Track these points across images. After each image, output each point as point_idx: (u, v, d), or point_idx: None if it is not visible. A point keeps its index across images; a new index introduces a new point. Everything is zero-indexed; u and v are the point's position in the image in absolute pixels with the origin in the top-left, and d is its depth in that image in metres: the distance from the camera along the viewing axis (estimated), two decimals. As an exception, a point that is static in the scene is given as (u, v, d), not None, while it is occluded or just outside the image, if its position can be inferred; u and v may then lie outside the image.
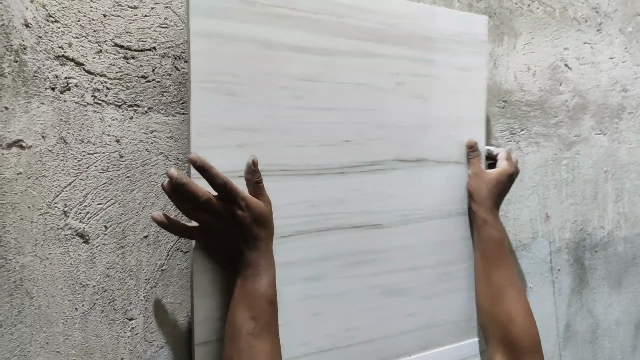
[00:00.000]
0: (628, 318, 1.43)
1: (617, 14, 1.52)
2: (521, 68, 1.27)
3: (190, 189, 0.70)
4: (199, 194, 0.71)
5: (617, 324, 1.40)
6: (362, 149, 0.95)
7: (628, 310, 1.43)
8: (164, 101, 0.80)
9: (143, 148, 0.78)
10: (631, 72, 1.54)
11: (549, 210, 1.28)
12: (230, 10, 0.81)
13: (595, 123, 1.42)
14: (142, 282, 0.77)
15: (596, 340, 1.34)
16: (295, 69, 0.88)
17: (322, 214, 0.91)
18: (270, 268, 0.78)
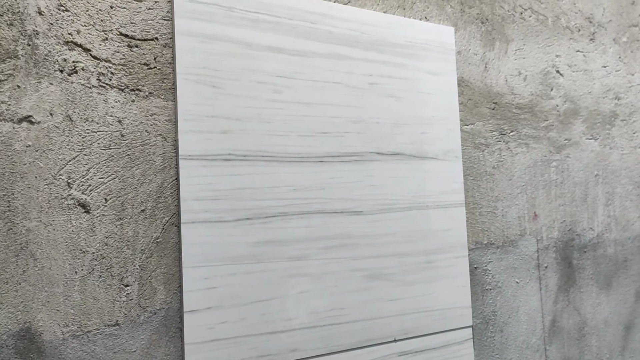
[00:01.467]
0: (617, 319, 1.45)
1: (611, 24, 1.57)
2: (512, 72, 1.32)
3: None
4: None
5: (605, 324, 1.42)
6: (340, 141, 1.02)
7: (617, 311, 1.46)
8: (163, 87, 0.87)
9: (143, 129, 0.85)
10: (625, 80, 1.58)
11: (537, 209, 1.32)
12: (211, 14, 0.90)
13: (586, 128, 1.46)
14: (138, 252, 0.83)
15: (583, 337, 1.37)
16: (272, 67, 0.95)
17: (304, 198, 0.97)
18: None
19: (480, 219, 1.22)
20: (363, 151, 1.05)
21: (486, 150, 1.25)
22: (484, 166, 1.24)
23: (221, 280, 0.88)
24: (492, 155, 1.26)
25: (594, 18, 1.52)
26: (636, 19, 1.64)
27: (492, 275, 1.22)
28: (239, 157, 0.91)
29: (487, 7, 1.29)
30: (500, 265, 1.24)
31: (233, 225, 0.90)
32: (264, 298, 0.91)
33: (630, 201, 1.54)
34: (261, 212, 0.93)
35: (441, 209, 1.13)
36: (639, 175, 1.58)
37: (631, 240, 1.52)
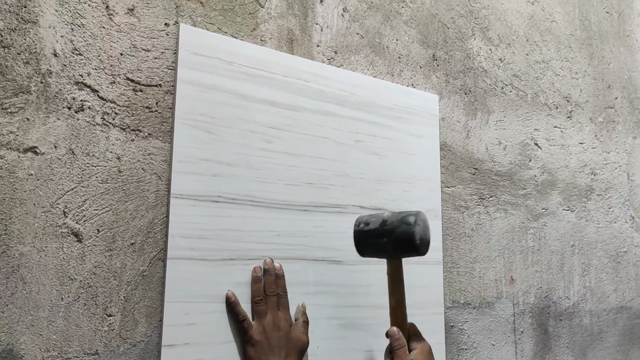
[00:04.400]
0: (592, 390, 1.46)
1: (588, 104, 1.67)
2: (493, 141, 1.40)
3: None
4: None
5: (580, 394, 1.43)
6: (324, 192, 1.07)
7: (592, 382, 1.47)
8: (162, 130, 0.93)
9: (140, 167, 0.90)
10: (601, 157, 1.66)
11: (514, 273, 1.36)
12: (212, 66, 0.98)
13: (563, 199, 1.53)
14: (124, 283, 0.86)
15: (558, 406, 1.38)
16: (265, 118, 1.02)
17: (287, 244, 1.01)
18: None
19: (457, 278, 1.26)
20: (346, 204, 1.11)
21: (466, 213, 1.30)
22: (463, 227, 1.29)
23: (201, 317, 0.90)
24: (471, 218, 1.31)
25: (571, 97, 1.62)
26: (612, 101, 1.74)
27: (468, 335, 1.24)
28: (227, 200, 0.96)
29: (470, 79, 1.38)
30: (477, 325, 1.26)
31: (217, 264, 0.93)
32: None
33: (606, 274, 1.58)
34: (244, 254, 0.96)
35: (419, 265, 1.17)
36: (614, 249, 1.63)
37: (606, 312, 1.55)
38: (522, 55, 1.52)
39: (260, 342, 0.92)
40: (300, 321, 0.98)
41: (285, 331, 0.95)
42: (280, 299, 0.97)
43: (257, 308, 0.94)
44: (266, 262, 0.98)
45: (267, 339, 0.92)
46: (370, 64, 1.21)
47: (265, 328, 0.93)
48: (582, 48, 1.69)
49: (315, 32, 1.14)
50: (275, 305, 0.96)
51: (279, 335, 0.93)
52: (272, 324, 0.94)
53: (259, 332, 0.92)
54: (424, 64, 1.30)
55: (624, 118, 1.77)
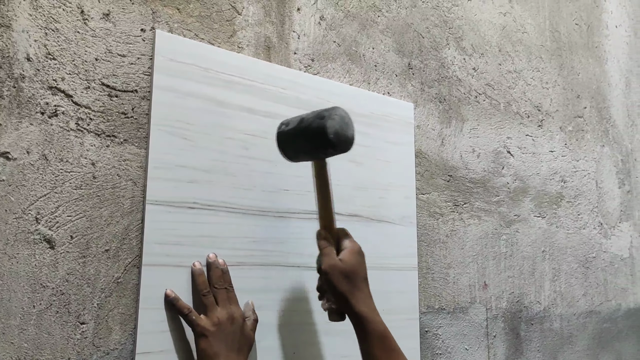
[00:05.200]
0: (563, 393, 1.49)
1: (558, 113, 1.71)
2: (467, 149, 1.43)
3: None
4: None
5: (551, 398, 1.46)
6: (300, 199, 1.08)
7: (563, 385, 1.50)
8: (138, 136, 0.92)
9: (115, 173, 0.89)
10: (570, 165, 1.70)
11: (487, 279, 1.39)
12: (189, 73, 0.98)
13: (534, 206, 1.56)
14: (97, 290, 0.85)
15: (530, 410, 1.40)
16: (242, 125, 1.03)
17: (263, 250, 1.01)
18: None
19: (432, 284, 1.27)
20: (323, 210, 1.11)
21: (440, 219, 1.32)
22: (437, 234, 1.31)
23: (176, 324, 0.90)
24: (445, 225, 1.33)
25: (542, 107, 1.66)
26: (581, 111, 1.79)
27: (442, 340, 1.26)
28: (203, 206, 0.96)
29: (445, 88, 1.40)
30: (451, 330, 1.28)
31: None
32: (217, 345, 0.93)
33: (576, 279, 1.62)
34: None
35: (395, 271, 1.18)
36: (583, 255, 1.66)
37: (576, 316, 1.59)
38: (495, 65, 1.55)
39: (214, 334, 0.87)
40: (252, 318, 0.95)
41: (239, 325, 0.90)
42: (229, 293, 0.92)
43: (206, 300, 0.90)
44: (210, 256, 0.94)
45: (221, 330, 0.88)
46: (346, 72, 1.22)
47: (220, 319, 0.88)
48: (552, 59, 1.73)
49: (293, 40, 1.14)
50: (226, 299, 0.91)
51: (233, 328, 0.89)
52: (226, 316, 0.89)
53: (211, 323, 0.88)
54: (399, 73, 1.32)
55: (593, 127, 1.82)
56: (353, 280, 0.90)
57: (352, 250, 0.93)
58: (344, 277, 0.90)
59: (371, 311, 0.91)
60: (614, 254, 1.76)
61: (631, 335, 1.73)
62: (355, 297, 0.90)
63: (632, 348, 1.73)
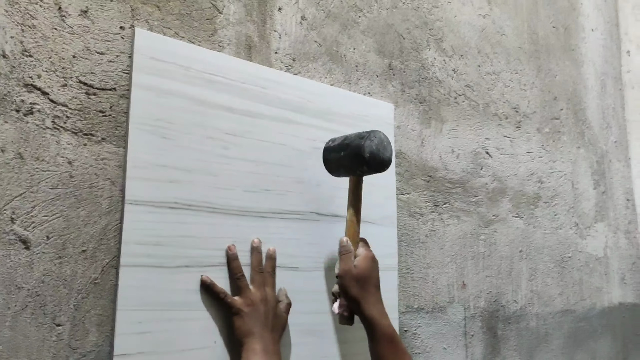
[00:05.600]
0: (539, 391, 1.51)
1: (535, 115, 1.73)
2: (446, 150, 1.44)
3: None
4: None
5: (528, 396, 1.48)
6: (282, 199, 1.08)
7: (539, 384, 1.52)
8: (117, 134, 0.91)
9: (92, 172, 0.88)
10: (547, 166, 1.73)
11: (465, 279, 1.40)
12: (169, 71, 0.97)
13: (512, 207, 1.58)
14: (74, 292, 0.84)
15: (507, 408, 1.42)
16: (223, 125, 1.02)
17: (245, 251, 1.01)
18: None
19: (412, 283, 1.28)
20: (303, 210, 1.11)
21: (420, 220, 1.33)
22: (417, 234, 1.31)
23: (155, 326, 0.89)
24: (425, 225, 1.34)
25: (519, 108, 1.68)
26: (558, 112, 1.81)
27: (421, 340, 1.27)
28: (184, 206, 0.95)
29: (425, 89, 1.41)
30: (429, 330, 1.29)
31: (172, 271, 0.92)
32: (197, 347, 0.92)
33: (552, 278, 1.64)
34: (201, 260, 0.95)
35: (375, 271, 1.18)
36: (559, 254, 1.69)
37: (552, 315, 1.61)
38: (474, 67, 1.56)
39: (249, 314, 0.93)
40: (285, 302, 1.00)
41: (272, 306, 0.96)
42: (266, 278, 0.98)
43: (239, 283, 0.95)
44: (254, 241, 1.00)
45: (255, 310, 0.93)
46: (327, 72, 1.22)
47: (253, 301, 0.94)
48: (530, 61, 1.75)
49: (274, 39, 1.14)
50: (262, 283, 0.97)
51: (266, 309, 0.95)
52: (259, 297, 0.95)
53: (246, 304, 0.93)
54: (380, 73, 1.32)
55: (569, 129, 1.84)
56: (365, 285, 0.97)
57: (366, 257, 1.00)
58: (357, 281, 0.97)
59: (381, 314, 0.98)
60: (589, 254, 1.79)
61: (605, 334, 1.77)
62: (367, 300, 0.97)
63: (607, 347, 1.77)
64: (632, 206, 2.04)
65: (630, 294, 1.92)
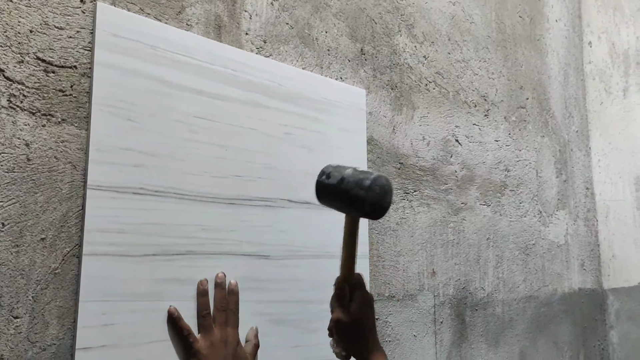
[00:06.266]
0: (504, 377, 1.53)
1: (502, 104, 1.74)
2: (417, 137, 1.42)
3: None
4: None
5: (493, 382, 1.49)
6: (252, 185, 1.04)
7: (504, 369, 1.53)
8: (78, 115, 0.86)
9: (52, 155, 0.82)
10: (513, 155, 1.74)
11: (435, 266, 1.40)
12: (134, 50, 0.92)
13: (480, 195, 1.58)
14: (32, 282, 0.78)
15: (473, 394, 1.43)
16: (191, 108, 0.98)
17: (213, 239, 0.97)
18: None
19: (383, 272, 1.26)
20: (274, 197, 1.08)
21: (391, 207, 1.31)
22: (388, 222, 1.30)
23: (120, 317, 0.84)
24: (396, 212, 1.32)
25: (488, 97, 1.68)
26: (524, 102, 1.83)
27: (392, 327, 1.26)
28: (150, 192, 0.91)
29: (396, 75, 1.39)
30: (400, 317, 1.28)
31: (138, 260, 0.87)
32: (163, 338, 0.89)
33: (517, 265, 1.66)
34: (168, 249, 0.91)
35: (346, 259, 1.16)
36: (524, 242, 1.71)
37: (517, 301, 1.63)
38: (445, 54, 1.55)
39: (206, 356, 0.89)
40: (252, 343, 0.97)
41: (232, 348, 0.92)
42: (229, 316, 0.94)
43: (203, 322, 0.91)
44: (218, 276, 0.95)
45: (214, 354, 0.89)
46: (299, 55, 1.19)
47: (213, 343, 0.90)
48: (498, 50, 1.76)
49: (244, 20, 1.10)
50: (224, 322, 0.93)
51: (226, 352, 0.91)
52: (219, 339, 0.91)
53: (206, 346, 0.89)
54: (352, 58, 1.29)
55: (534, 118, 1.86)
56: (358, 332, 0.92)
57: (361, 303, 0.94)
58: (350, 330, 0.92)
59: (377, 357, 0.93)
60: (551, 241, 1.82)
61: (565, 319, 1.80)
62: (359, 347, 0.93)
63: (567, 331, 1.80)
64: (591, 194, 2.08)
65: (589, 280, 1.97)
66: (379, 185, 0.87)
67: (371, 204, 0.86)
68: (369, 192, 0.85)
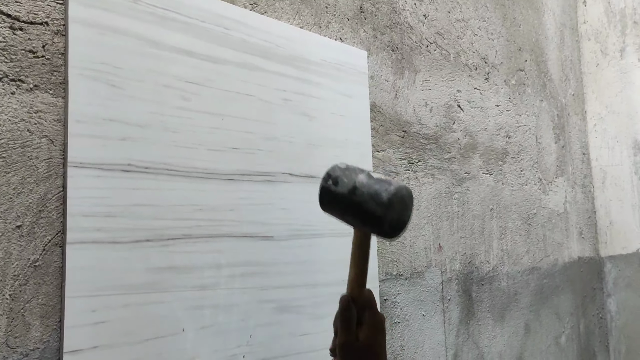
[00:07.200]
0: (510, 352, 1.47)
1: (502, 66, 1.65)
2: (420, 102, 1.32)
3: None
4: None
5: (500, 357, 1.44)
6: (251, 159, 0.93)
7: (510, 343, 1.48)
8: (53, 81, 0.73)
9: (24, 128, 0.70)
10: (514, 120, 1.66)
11: (441, 240, 1.32)
12: (113, 3, 0.79)
13: (482, 163, 1.50)
14: (9, 278, 0.67)
15: (481, 372, 1.37)
16: (181, 71, 0.86)
17: (211, 220, 0.86)
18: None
19: (390, 249, 1.18)
20: (275, 171, 0.97)
21: (395, 179, 1.22)
22: (393, 194, 1.21)
23: (112, 314, 0.74)
24: (401, 184, 1.23)
25: (488, 59, 1.59)
26: (522, 64, 1.74)
27: (400, 308, 1.18)
28: (139, 169, 0.79)
29: (397, 35, 1.28)
30: (408, 297, 1.20)
31: (129, 247, 0.77)
32: (161, 334, 0.78)
33: (520, 236, 1.60)
34: (162, 233, 0.80)
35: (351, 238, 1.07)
36: (526, 211, 1.64)
37: (520, 274, 1.57)
38: (445, 13, 1.44)
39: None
40: None
41: None
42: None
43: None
44: None
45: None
46: (296, 12, 1.07)
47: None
48: (497, 8, 1.66)
49: (237, -30, 0.97)
50: None
51: None
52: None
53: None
54: (351, 16, 1.18)
55: (533, 81, 1.78)
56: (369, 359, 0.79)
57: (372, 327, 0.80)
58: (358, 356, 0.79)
59: None
60: (551, 210, 1.76)
61: (566, 290, 1.76)
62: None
63: (568, 301, 1.76)
64: (587, 160, 2.02)
65: (588, 248, 1.93)
66: (399, 199, 0.70)
67: (391, 225, 0.70)
68: (389, 210, 0.69)
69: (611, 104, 2.01)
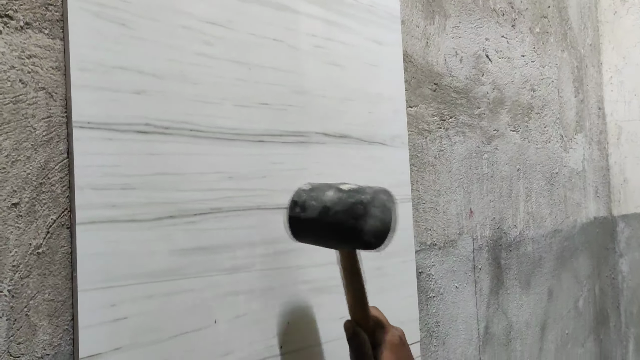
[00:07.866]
0: (535, 320, 1.40)
1: (527, 12, 1.51)
2: (450, 52, 1.19)
3: None
4: None
5: (526, 326, 1.36)
6: (282, 116, 0.80)
7: (535, 311, 1.40)
8: (48, 17, 0.57)
9: (16, 78, 0.55)
10: (538, 72, 1.54)
11: (472, 205, 1.21)
12: None
13: (510, 119, 1.39)
14: (7, 269, 0.53)
15: (509, 342, 1.29)
16: (201, 9, 0.71)
17: (242, 190, 0.73)
18: None
19: (424, 216, 1.06)
20: (308, 130, 0.84)
21: (429, 137, 1.10)
22: (426, 155, 1.09)
23: (134, 307, 0.60)
24: (434, 144, 1.11)
25: (514, 3, 1.45)
26: (546, 10, 1.60)
27: (435, 281, 1.07)
28: (158, 130, 0.65)
29: (428, -26, 1.13)
30: (442, 269, 1.10)
31: (150, 226, 0.63)
32: (191, 328, 0.66)
33: (543, 197, 1.50)
34: (188, 207, 0.67)
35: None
36: (549, 171, 1.55)
37: (544, 237, 1.48)
38: (474, -50, 1.29)
39: None
40: None
41: None
42: None
43: None
44: None
45: None
46: (326, -59, 0.91)
47: None
48: (522, -53, 1.51)
49: None
50: None
51: None
52: None
53: None
54: (383, -51, 1.02)
55: (555, 29, 1.65)
56: None
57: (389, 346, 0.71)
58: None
59: None
60: (571, 168, 1.67)
61: (584, 251, 1.69)
62: None
63: (585, 264, 1.69)
64: (602, 115, 1.93)
65: (602, 208, 1.85)
66: (378, 206, 0.65)
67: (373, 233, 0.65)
68: (368, 221, 0.64)
69: (629, 54, 1.90)
